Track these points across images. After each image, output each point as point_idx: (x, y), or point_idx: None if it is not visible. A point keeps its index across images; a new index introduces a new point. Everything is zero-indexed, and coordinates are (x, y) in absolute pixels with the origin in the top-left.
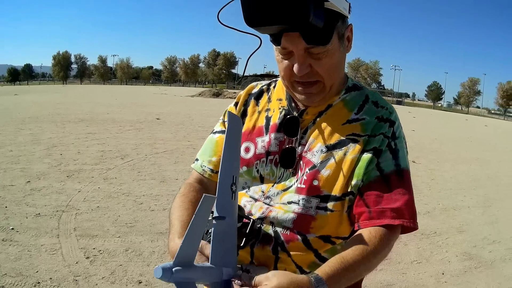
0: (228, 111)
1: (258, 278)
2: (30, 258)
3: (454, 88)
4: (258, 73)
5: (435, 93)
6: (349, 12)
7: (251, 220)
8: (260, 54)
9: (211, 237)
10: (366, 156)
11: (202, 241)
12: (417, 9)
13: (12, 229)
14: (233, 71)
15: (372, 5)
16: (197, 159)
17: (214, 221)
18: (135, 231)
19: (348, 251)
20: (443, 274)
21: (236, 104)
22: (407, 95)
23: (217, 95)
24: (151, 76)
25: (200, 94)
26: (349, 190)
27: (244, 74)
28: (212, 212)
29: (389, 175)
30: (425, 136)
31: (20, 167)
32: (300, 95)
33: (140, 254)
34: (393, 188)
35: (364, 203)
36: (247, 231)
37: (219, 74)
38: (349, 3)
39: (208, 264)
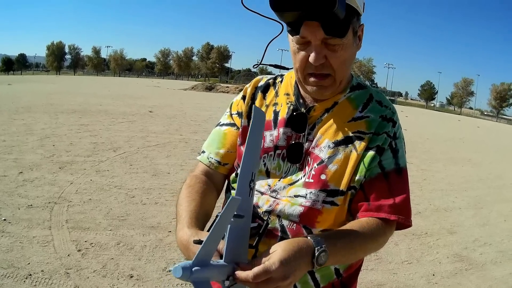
0: (255, 105)
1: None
2: (22, 250)
3: (447, 88)
4: (253, 68)
5: (428, 93)
6: (363, 11)
7: (265, 221)
8: (259, 50)
9: (227, 235)
10: (370, 153)
11: None
12: (412, 7)
13: (4, 220)
14: (226, 65)
15: (368, 2)
16: (203, 151)
17: (232, 219)
18: (127, 224)
19: (345, 226)
20: (433, 275)
21: (243, 98)
22: (400, 94)
23: (209, 89)
24: (144, 68)
25: (193, 88)
26: (351, 184)
27: (261, 62)
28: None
29: (389, 172)
30: (418, 135)
31: (13, 157)
32: (312, 87)
33: (132, 248)
34: (392, 185)
35: (364, 197)
36: (261, 231)
37: (212, 67)
38: (364, 2)
39: (222, 262)
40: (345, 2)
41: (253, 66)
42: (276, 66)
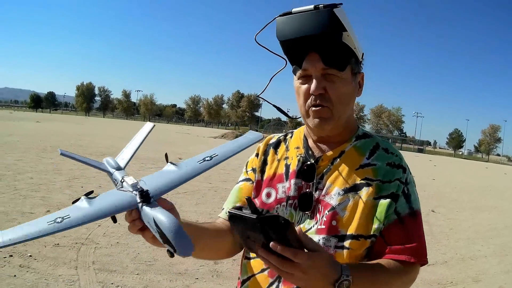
0: (250, 130)
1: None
2: (47, 287)
3: (475, 135)
4: (257, 96)
5: (456, 141)
6: (362, 59)
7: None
8: (288, 100)
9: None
10: (385, 201)
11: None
12: (442, 57)
13: (30, 256)
14: (257, 113)
15: (397, 53)
16: (223, 208)
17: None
18: (154, 269)
19: (372, 262)
20: None
21: (257, 155)
22: (428, 143)
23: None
24: (174, 114)
25: (223, 136)
26: (372, 233)
27: (263, 91)
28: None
29: (404, 217)
30: (445, 185)
31: (40, 195)
32: (314, 120)
33: None
34: (409, 229)
35: (384, 242)
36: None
37: (242, 116)
38: (363, 53)
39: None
40: (341, 33)
41: (257, 95)
42: (278, 109)
